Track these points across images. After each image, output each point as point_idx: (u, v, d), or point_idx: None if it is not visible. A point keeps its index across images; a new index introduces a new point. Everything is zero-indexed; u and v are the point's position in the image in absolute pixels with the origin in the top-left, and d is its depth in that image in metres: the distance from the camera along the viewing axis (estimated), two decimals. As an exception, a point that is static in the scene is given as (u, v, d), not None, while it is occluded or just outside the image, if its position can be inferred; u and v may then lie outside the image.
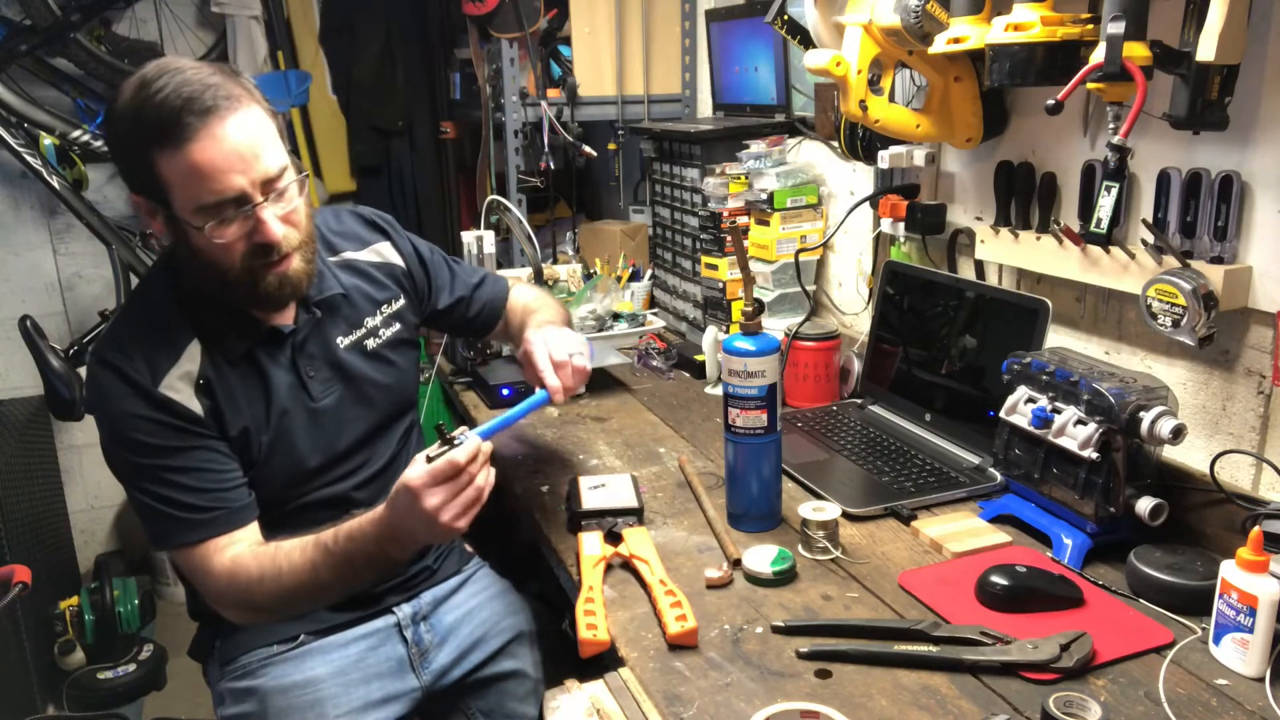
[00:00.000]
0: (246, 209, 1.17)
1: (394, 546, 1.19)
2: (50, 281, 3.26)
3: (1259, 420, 1.32)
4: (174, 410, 1.23)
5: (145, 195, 1.19)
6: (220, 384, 1.27)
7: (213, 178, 1.13)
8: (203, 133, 1.11)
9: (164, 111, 1.11)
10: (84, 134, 2.93)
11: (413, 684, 1.42)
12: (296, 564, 1.22)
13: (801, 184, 2.07)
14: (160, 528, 1.25)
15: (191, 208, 1.15)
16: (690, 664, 1.11)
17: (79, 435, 3.37)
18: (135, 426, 1.22)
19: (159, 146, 1.12)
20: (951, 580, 1.25)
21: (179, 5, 3.23)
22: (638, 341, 2.29)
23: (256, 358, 1.30)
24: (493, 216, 2.49)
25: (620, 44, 2.70)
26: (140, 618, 2.91)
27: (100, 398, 1.23)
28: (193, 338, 1.26)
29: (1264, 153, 1.25)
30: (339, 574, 1.22)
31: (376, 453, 1.43)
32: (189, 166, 1.12)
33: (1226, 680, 1.05)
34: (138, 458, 1.23)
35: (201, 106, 1.11)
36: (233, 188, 1.14)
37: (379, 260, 1.48)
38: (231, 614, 1.28)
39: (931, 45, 1.47)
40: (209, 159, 1.12)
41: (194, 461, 1.24)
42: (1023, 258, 1.59)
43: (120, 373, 1.21)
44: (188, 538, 1.24)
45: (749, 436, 1.39)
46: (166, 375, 1.23)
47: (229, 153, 1.13)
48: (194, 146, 1.11)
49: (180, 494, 1.23)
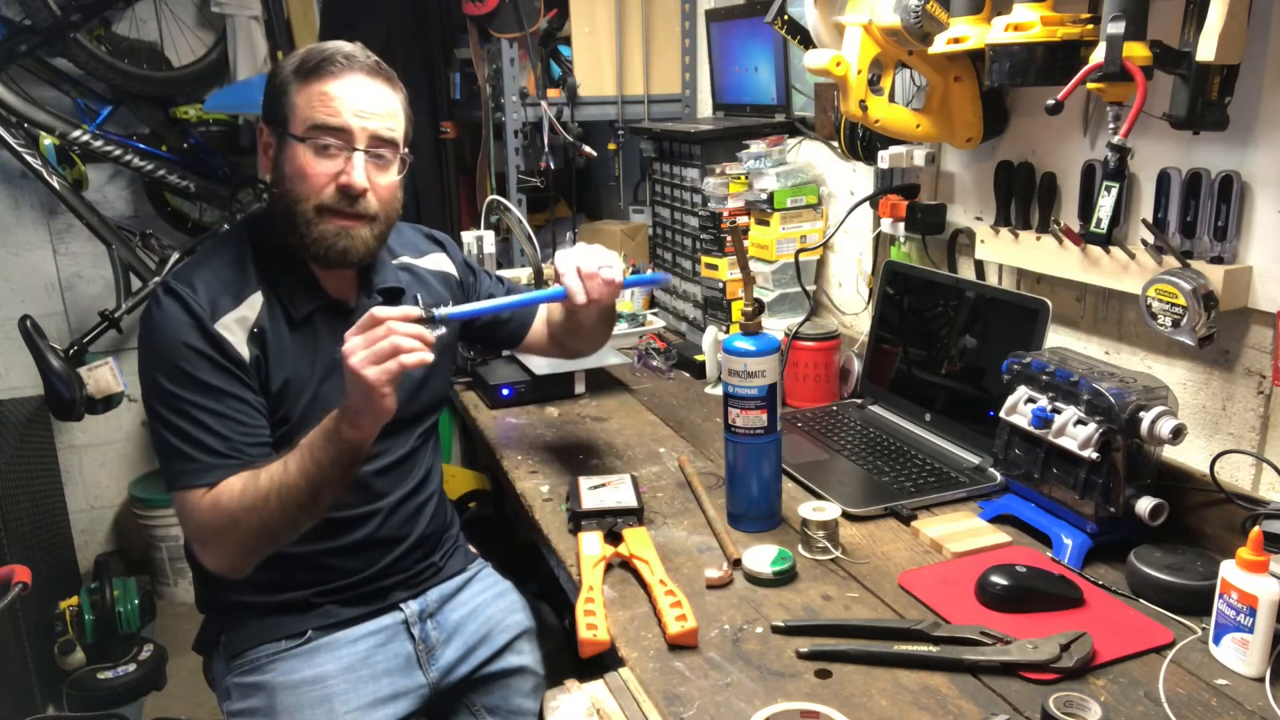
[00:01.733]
0: (346, 151, 1.28)
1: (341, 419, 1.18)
2: (50, 281, 3.26)
3: (1259, 420, 1.32)
4: (223, 349, 1.27)
5: (270, 122, 1.33)
6: (274, 337, 1.32)
7: (331, 106, 1.28)
8: (343, 75, 1.29)
9: (322, 55, 1.29)
10: (84, 134, 2.93)
11: (420, 681, 1.43)
12: (272, 469, 1.23)
13: (801, 184, 2.07)
14: (176, 467, 1.26)
15: (304, 125, 1.28)
16: (690, 664, 1.11)
17: (79, 435, 3.37)
18: (183, 355, 1.26)
19: (303, 77, 1.29)
20: (951, 580, 1.25)
21: (179, 5, 3.23)
22: (638, 341, 2.29)
23: (314, 323, 1.36)
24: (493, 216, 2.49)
25: (620, 44, 2.70)
26: (140, 618, 2.91)
27: (156, 322, 1.28)
28: (257, 289, 1.33)
29: (1264, 153, 1.25)
30: (304, 464, 1.20)
31: (399, 443, 1.46)
32: (318, 92, 1.28)
33: (1226, 680, 1.05)
34: (175, 386, 1.26)
35: (350, 58, 1.30)
36: (344, 122, 1.28)
37: (434, 268, 1.57)
38: (212, 551, 1.26)
39: (931, 45, 1.47)
40: (336, 93, 1.28)
41: (226, 407, 1.27)
42: (1023, 258, 1.59)
43: (182, 301, 1.27)
44: (199, 480, 1.25)
45: (749, 436, 1.39)
46: (225, 316, 1.29)
47: (354, 97, 1.29)
48: (330, 80, 1.28)
49: (203, 434, 1.25)
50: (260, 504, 1.22)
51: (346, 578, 1.41)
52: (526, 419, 1.95)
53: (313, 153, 1.28)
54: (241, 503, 1.22)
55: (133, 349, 3.35)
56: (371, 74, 1.31)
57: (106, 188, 3.27)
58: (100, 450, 3.43)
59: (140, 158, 3.05)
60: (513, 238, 2.65)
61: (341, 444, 1.19)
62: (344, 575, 1.41)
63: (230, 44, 3.15)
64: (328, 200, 1.29)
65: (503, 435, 1.87)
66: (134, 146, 3.05)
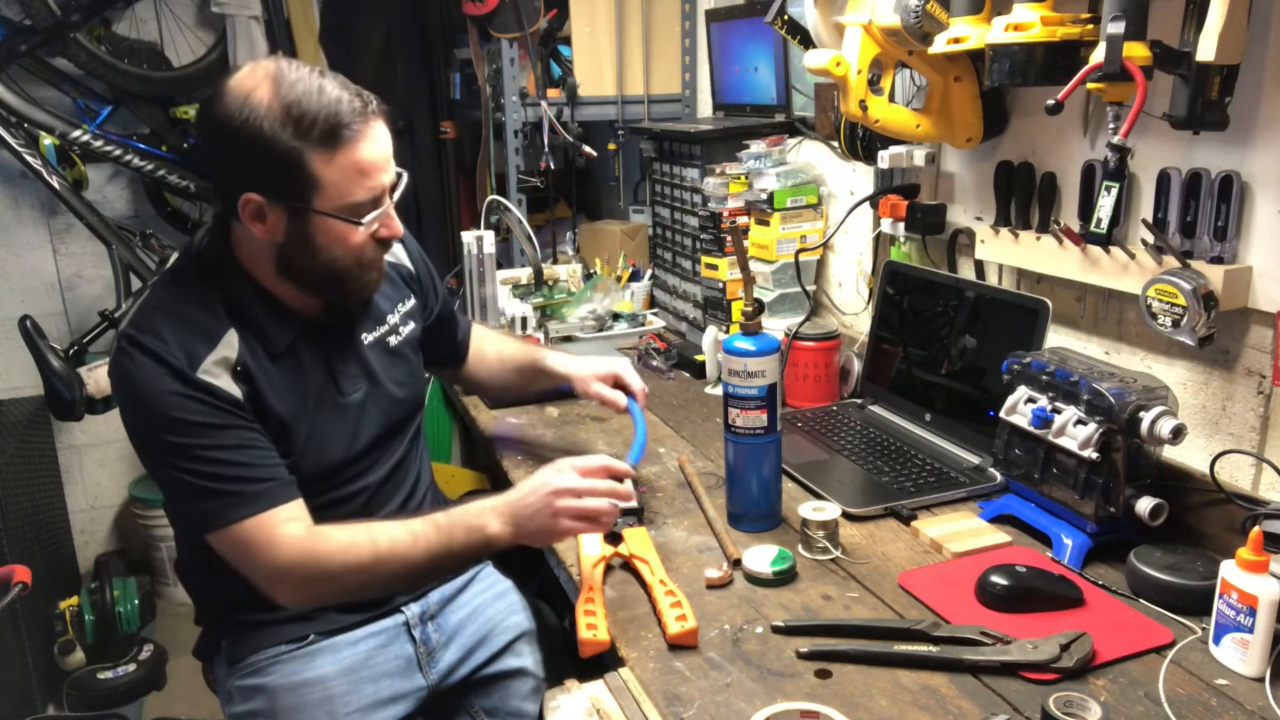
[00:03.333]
0: (379, 208, 1.23)
1: (500, 527, 1.21)
2: (50, 281, 3.26)
3: (1259, 420, 1.32)
4: (214, 393, 1.20)
5: (271, 194, 1.18)
6: (259, 371, 1.25)
7: (370, 176, 1.19)
8: (365, 133, 1.18)
9: (328, 110, 1.15)
10: (84, 134, 2.93)
11: (420, 683, 1.42)
12: (395, 533, 1.22)
13: (801, 184, 2.07)
14: (211, 506, 1.19)
15: (341, 204, 1.19)
16: (690, 664, 1.11)
17: (79, 435, 3.37)
18: (175, 405, 1.18)
19: (322, 146, 1.15)
20: (951, 580, 1.25)
21: (179, 5, 3.23)
22: (638, 341, 2.29)
23: (297, 352, 1.31)
24: (493, 216, 2.49)
25: (620, 44, 2.70)
26: (140, 618, 2.91)
27: (132, 381, 1.19)
28: (229, 328, 1.24)
29: (1264, 153, 1.25)
30: (433, 547, 1.22)
31: (389, 451, 1.44)
32: (351, 165, 1.17)
33: (1226, 680, 1.05)
34: (179, 438, 1.18)
35: (356, 107, 1.17)
36: (380, 186, 1.22)
37: (394, 260, 1.49)
38: (291, 592, 1.22)
39: (931, 45, 1.47)
40: (371, 159, 1.19)
41: (239, 439, 1.21)
42: (1023, 258, 1.59)
43: (155, 355, 1.18)
44: (244, 511, 1.19)
45: (749, 436, 1.39)
46: (204, 361, 1.20)
47: (380, 154, 1.21)
48: (355, 146, 1.17)
49: (230, 469, 1.20)
50: (370, 565, 1.21)
51: None
52: (526, 419, 1.95)
53: (351, 222, 1.21)
54: (345, 559, 1.21)
55: (133, 349, 3.35)
56: (377, 115, 1.21)
57: (106, 188, 3.27)
58: (100, 450, 3.43)
59: (140, 158, 3.04)
60: (513, 238, 2.65)
61: (490, 546, 1.23)
62: None
63: (230, 44, 3.15)
64: (369, 254, 1.26)
65: (502, 435, 1.87)
66: (134, 146, 3.05)
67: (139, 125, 3.18)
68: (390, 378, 1.41)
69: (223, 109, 1.16)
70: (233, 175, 1.20)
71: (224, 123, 1.16)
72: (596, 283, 2.43)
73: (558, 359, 1.67)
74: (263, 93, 1.15)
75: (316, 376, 1.32)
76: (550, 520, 1.20)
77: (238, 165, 1.19)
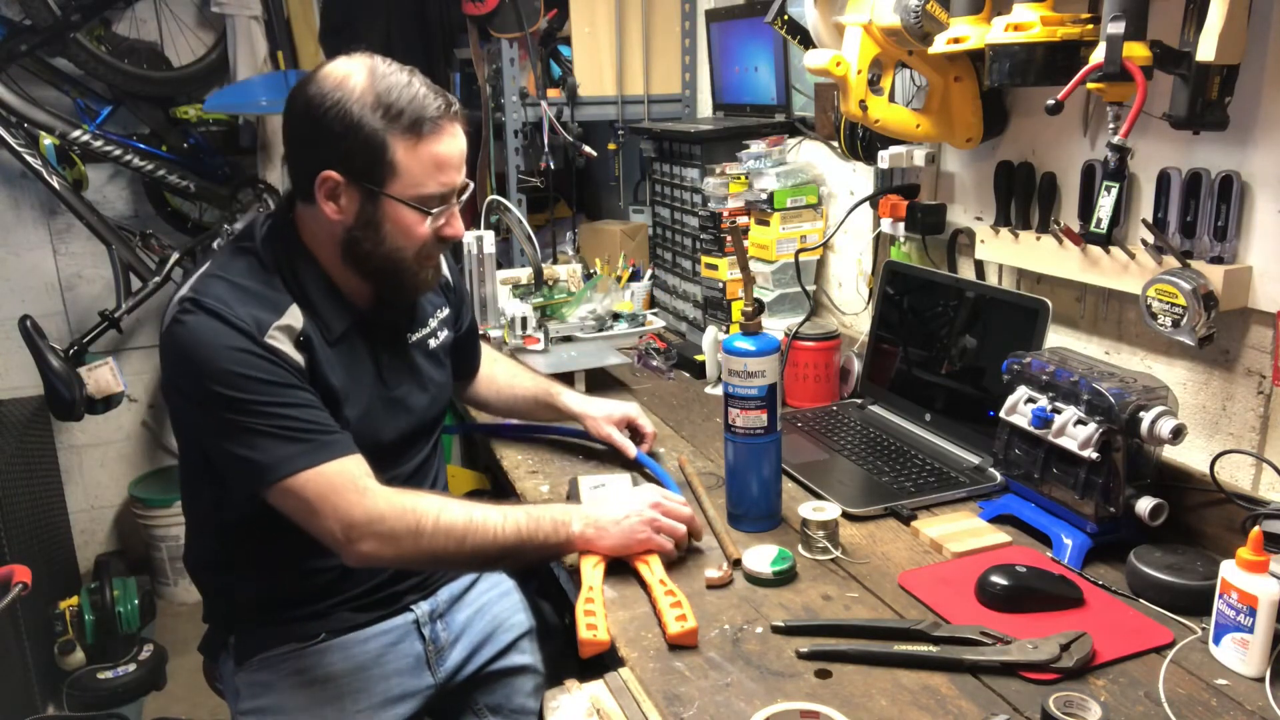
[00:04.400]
0: (447, 205, 1.28)
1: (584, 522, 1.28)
2: (50, 281, 3.26)
3: (1259, 420, 1.32)
4: (281, 356, 1.21)
5: (353, 174, 1.23)
6: (320, 346, 1.28)
7: (445, 171, 1.26)
8: (447, 130, 1.25)
9: (416, 103, 1.22)
10: (84, 134, 2.93)
11: (428, 681, 1.43)
12: (485, 509, 1.25)
13: (801, 184, 2.07)
14: (282, 452, 1.18)
15: (413, 193, 1.24)
16: (690, 664, 1.11)
17: (79, 435, 3.37)
18: (242, 361, 1.18)
19: (404, 134, 1.21)
20: (951, 580, 1.25)
21: (179, 5, 3.23)
22: (638, 341, 2.29)
23: (351, 340, 1.34)
24: (493, 216, 2.49)
25: (620, 44, 2.70)
26: (140, 618, 2.91)
27: (195, 338, 1.18)
28: (292, 303, 1.27)
29: (1264, 153, 1.25)
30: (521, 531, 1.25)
31: (417, 448, 1.46)
32: (430, 156, 1.23)
33: (1226, 680, 1.05)
34: (245, 393, 1.18)
35: (444, 107, 1.24)
36: (453, 183, 1.28)
37: None
38: (373, 543, 1.19)
39: (931, 45, 1.47)
40: (448, 154, 1.25)
41: (305, 400, 1.22)
42: (1023, 258, 1.59)
43: (221, 316, 1.19)
44: (325, 455, 1.19)
45: (749, 436, 1.39)
46: (269, 327, 1.22)
47: (456, 153, 1.27)
48: (437, 141, 1.24)
49: (302, 421, 1.20)
50: (460, 532, 1.22)
51: (361, 585, 1.40)
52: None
53: (420, 214, 1.26)
54: (438, 520, 1.21)
55: (133, 349, 3.36)
56: (458, 118, 1.27)
57: (106, 188, 3.27)
58: (100, 450, 3.43)
59: (140, 158, 3.05)
60: (513, 238, 2.65)
61: (568, 545, 1.29)
62: (359, 583, 1.39)
63: (230, 44, 3.15)
64: (429, 250, 1.30)
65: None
66: (134, 146, 3.05)
67: (139, 125, 3.18)
68: (428, 378, 1.45)
69: (316, 89, 1.22)
70: (316, 154, 1.24)
71: (316, 102, 1.21)
72: (596, 283, 2.43)
73: (571, 397, 1.70)
74: (358, 79, 1.22)
75: (367, 365, 1.36)
76: (638, 527, 1.28)
77: (323, 143, 1.23)
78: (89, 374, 2.75)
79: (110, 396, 2.81)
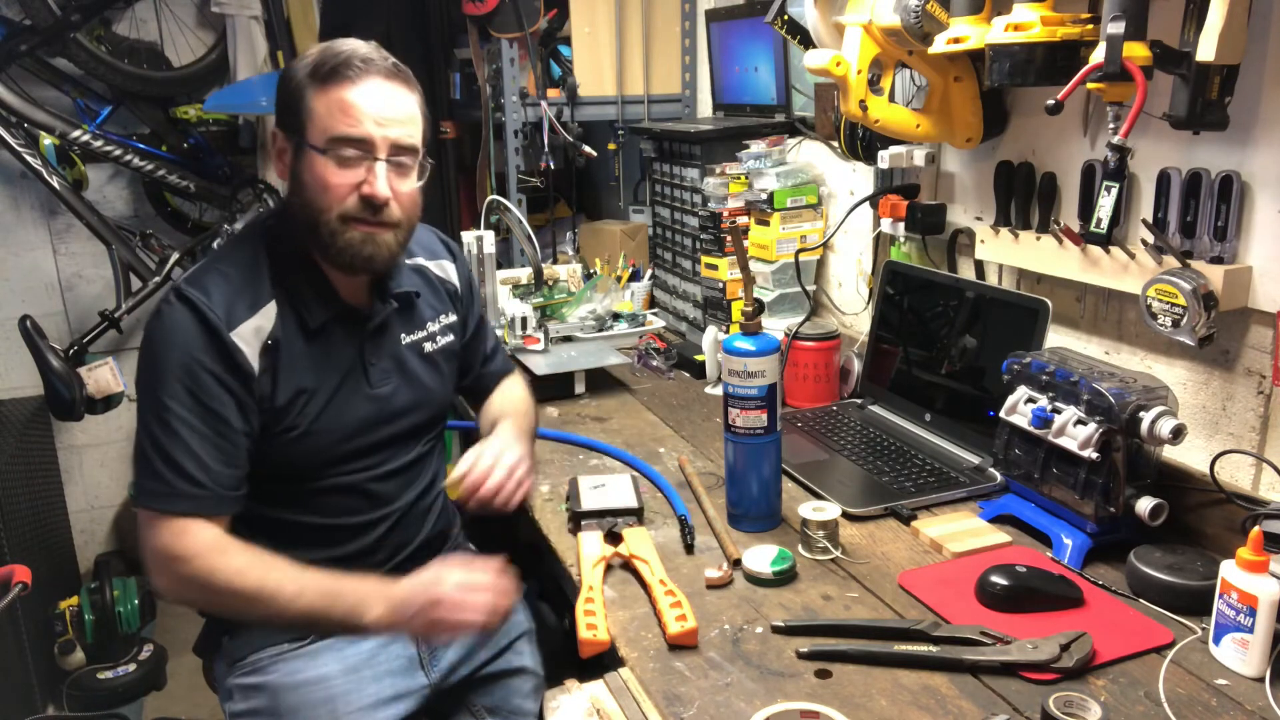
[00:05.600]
0: (367, 160, 1.26)
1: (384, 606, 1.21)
2: (50, 281, 3.26)
3: (1259, 420, 1.32)
4: (234, 361, 1.25)
5: (285, 128, 1.30)
6: (287, 348, 1.30)
7: (352, 116, 1.25)
8: (361, 81, 1.25)
9: (338, 60, 1.25)
10: (84, 134, 2.93)
11: (422, 681, 1.42)
12: (284, 580, 1.22)
13: (801, 184, 2.07)
14: (148, 484, 1.24)
15: (324, 137, 1.25)
16: (690, 664, 1.11)
17: (79, 435, 3.37)
18: (187, 369, 1.23)
19: (319, 83, 1.26)
20: (951, 580, 1.25)
21: (179, 5, 3.23)
22: (638, 341, 2.29)
23: (330, 331, 1.34)
24: (493, 216, 2.49)
25: (620, 44, 2.70)
26: (140, 618, 2.91)
27: (166, 329, 1.25)
28: (271, 299, 1.30)
29: (1264, 153, 1.25)
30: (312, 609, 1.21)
31: (404, 450, 1.45)
32: (337, 101, 1.25)
33: (1226, 680, 1.05)
34: (171, 400, 1.23)
35: (368, 62, 1.26)
36: (365, 133, 1.25)
37: (442, 275, 1.55)
38: (167, 582, 1.25)
39: (931, 45, 1.47)
40: (355, 101, 1.25)
41: (214, 432, 1.25)
42: (1023, 258, 1.59)
43: (196, 310, 1.24)
44: (166, 505, 1.23)
45: (749, 436, 1.39)
46: (240, 325, 1.26)
47: (373, 104, 1.26)
48: (348, 87, 1.25)
49: (185, 458, 1.23)
50: (249, 597, 1.22)
51: None
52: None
53: (334, 164, 1.25)
54: (230, 583, 1.22)
55: (133, 349, 3.35)
56: (390, 77, 1.28)
57: (106, 188, 3.27)
58: (100, 450, 3.43)
59: (140, 158, 3.04)
60: (513, 238, 2.65)
61: (363, 630, 1.23)
62: None
63: (230, 44, 3.15)
64: (351, 210, 1.27)
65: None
66: (134, 146, 3.05)
67: (139, 125, 3.18)
68: (420, 381, 1.44)
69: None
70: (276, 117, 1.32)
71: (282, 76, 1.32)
72: (596, 283, 2.43)
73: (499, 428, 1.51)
74: (311, 52, 1.29)
75: (345, 361, 1.36)
76: (427, 626, 1.22)
77: (277, 105, 1.31)
78: (89, 374, 2.75)
79: (110, 396, 2.81)
